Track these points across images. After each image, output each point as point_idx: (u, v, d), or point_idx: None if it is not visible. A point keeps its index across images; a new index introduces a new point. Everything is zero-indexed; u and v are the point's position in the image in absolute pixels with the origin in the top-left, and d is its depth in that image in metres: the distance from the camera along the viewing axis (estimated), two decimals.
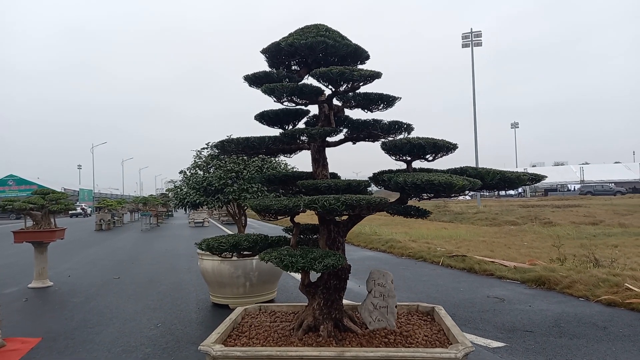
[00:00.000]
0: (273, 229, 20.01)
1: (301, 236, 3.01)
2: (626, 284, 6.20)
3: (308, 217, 3.60)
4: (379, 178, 2.65)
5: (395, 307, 2.86)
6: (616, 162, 75.81)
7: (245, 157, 6.11)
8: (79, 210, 48.45)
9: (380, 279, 2.85)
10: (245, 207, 6.54)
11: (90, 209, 54.33)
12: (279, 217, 2.64)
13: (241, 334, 2.84)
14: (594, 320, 5.24)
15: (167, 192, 40.94)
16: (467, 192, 2.44)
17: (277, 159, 6.43)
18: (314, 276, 2.93)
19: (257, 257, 5.63)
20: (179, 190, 6.23)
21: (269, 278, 6.22)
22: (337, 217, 2.82)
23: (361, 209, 2.30)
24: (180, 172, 6.54)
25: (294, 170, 6.20)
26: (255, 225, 24.54)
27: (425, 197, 2.48)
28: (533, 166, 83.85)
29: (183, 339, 4.83)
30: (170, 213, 38.98)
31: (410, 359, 2.30)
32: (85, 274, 9.48)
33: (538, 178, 2.55)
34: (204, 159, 6.45)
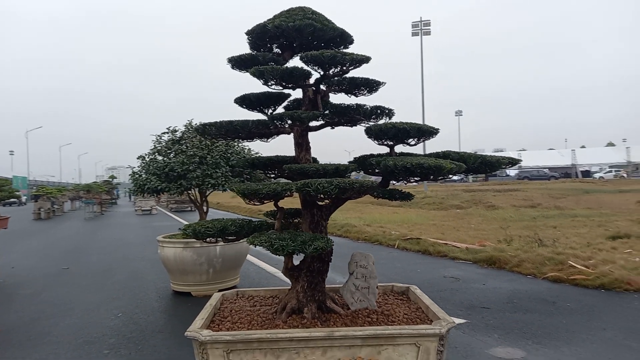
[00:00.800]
0: (225, 215, 19.74)
1: (282, 220, 3.01)
2: (569, 262, 6.66)
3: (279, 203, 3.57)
4: (366, 162, 2.69)
5: (377, 287, 2.94)
6: (550, 149, 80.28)
7: (208, 143, 5.99)
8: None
9: (362, 261, 2.92)
10: (208, 193, 6.43)
11: (25, 197, 51.19)
12: (265, 202, 2.63)
13: (223, 318, 2.83)
14: (544, 296, 5.61)
15: (111, 179, 39.35)
16: (450, 176, 2.54)
17: (240, 145, 6.35)
18: (294, 261, 2.95)
19: (220, 243, 5.59)
20: (137, 176, 6.01)
21: (232, 264, 6.18)
22: (320, 201, 2.85)
23: (353, 191, 2.34)
24: (139, 158, 6.31)
25: (258, 155, 6.16)
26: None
27: (413, 181, 2.56)
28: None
29: (148, 328, 4.72)
30: (114, 201, 37.51)
31: (397, 336, 2.39)
32: (31, 266, 8.99)
33: (514, 162, 2.69)
34: (164, 144, 6.25)
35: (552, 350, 3.88)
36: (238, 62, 2.78)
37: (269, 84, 2.71)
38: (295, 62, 2.85)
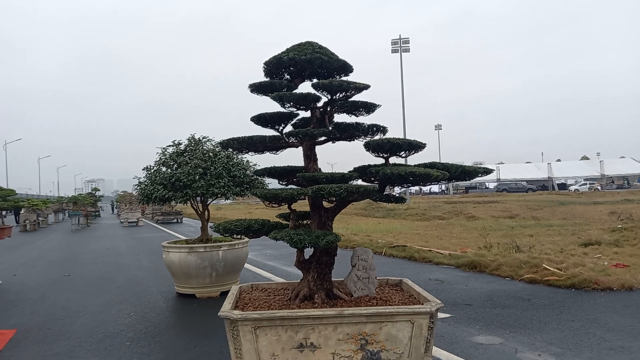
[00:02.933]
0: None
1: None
2: (544, 265, 7.25)
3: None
4: (365, 171, 3.20)
5: (376, 278, 3.44)
6: (527, 162, 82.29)
7: (211, 155, 6.46)
8: None
9: (363, 255, 3.42)
10: (208, 203, 6.87)
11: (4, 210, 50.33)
12: (282, 204, 3.12)
13: (245, 305, 3.28)
14: (520, 294, 6.17)
15: (94, 191, 39.20)
16: (436, 182, 3.07)
17: (239, 157, 6.83)
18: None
19: (223, 248, 6.02)
20: (144, 186, 6.44)
21: (233, 268, 6.61)
22: (326, 204, 3.35)
23: (358, 194, 2.84)
24: (144, 169, 6.75)
25: (257, 166, 6.65)
26: (192, 224, 24.39)
27: (405, 186, 3.06)
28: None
29: (161, 325, 5.13)
30: (97, 213, 37.35)
31: (395, 314, 2.89)
32: (29, 273, 9.25)
33: (488, 171, 3.23)
34: (168, 156, 6.70)
35: (526, 337, 4.41)
36: (258, 88, 3.28)
37: (285, 106, 3.21)
38: (304, 86, 3.37)
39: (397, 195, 3.42)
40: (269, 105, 4.38)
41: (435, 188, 72.78)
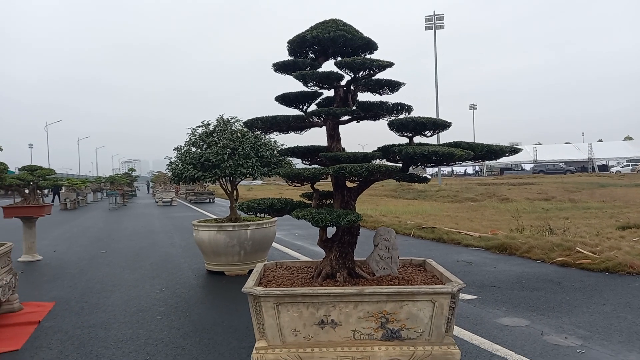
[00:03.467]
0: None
1: (317, 201, 3.50)
2: (577, 248, 7.07)
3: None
4: (389, 150, 3.18)
5: (398, 257, 3.43)
6: (566, 143, 79.57)
7: (239, 135, 6.53)
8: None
9: (386, 235, 3.41)
10: (237, 183, 6.98)
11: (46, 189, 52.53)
12: (305, 184, 3.14)
13: (269, 282, 3.34)
14: (550, 277, 6.05)
15: (130, 172, 40.35)
16: (459, 162, 3.02)
17: (267, 138, 6.88)
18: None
19: (251, 227, 6.11)
20: (175, 166, 6.58)
21: (261, 247, 6.72)
22: (349, 184, 3.35)
23: (380, 174, 2.83)
24: (175, 149, 6.89)
25: (284, 147, 6.69)
26: (224, 204, 24.85)
27: (429, 166, 3.03)
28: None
29: (191, 300, 5.30)
30: (133, 192, 38.49)
31: (416, 293, 2.88)
32: (68, 249, 9.66)
33: (515, 150, 3.15)
34: (197, 136, 6.81)
35: (553, 320, 4.34)
36: (281, 67, 3.28)
37: (308, 85, 3.20)
38: (328, 65, 3.35)
39: (429, 176, 3.38)
40: (294, 85, 4.39)
41: (469, 169, 71.51)
